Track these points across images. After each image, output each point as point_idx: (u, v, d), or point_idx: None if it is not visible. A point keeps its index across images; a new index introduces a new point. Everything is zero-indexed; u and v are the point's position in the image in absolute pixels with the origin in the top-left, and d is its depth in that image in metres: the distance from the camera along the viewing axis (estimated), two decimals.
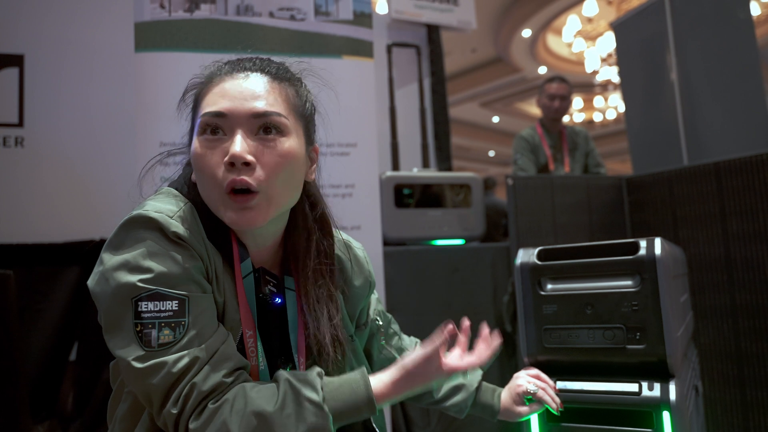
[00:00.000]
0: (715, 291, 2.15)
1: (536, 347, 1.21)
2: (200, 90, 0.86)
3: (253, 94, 0.82)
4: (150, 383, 0.73)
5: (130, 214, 0.79)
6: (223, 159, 0.79)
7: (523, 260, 1.24)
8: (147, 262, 0.75)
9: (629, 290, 1.13)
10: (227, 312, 0.82)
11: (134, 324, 0.74)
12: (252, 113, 0.81)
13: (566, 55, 9.19)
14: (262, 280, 0.88)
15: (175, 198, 0.83)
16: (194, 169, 0.83)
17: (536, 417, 1.17)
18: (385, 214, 2.21)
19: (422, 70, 2.99)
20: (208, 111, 0.81)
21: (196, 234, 0.80)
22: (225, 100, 0.81)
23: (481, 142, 12.67)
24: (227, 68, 0.86)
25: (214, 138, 0.81)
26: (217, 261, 0.83)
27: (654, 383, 1.10)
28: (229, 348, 0.79)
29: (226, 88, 0.83)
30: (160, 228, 0.77)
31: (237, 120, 0.81)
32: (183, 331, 0.74)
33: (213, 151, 0.81)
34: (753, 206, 2.06)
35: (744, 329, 2.08)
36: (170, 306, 0.74)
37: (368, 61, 2.03)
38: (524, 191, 2.33)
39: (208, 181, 0.81)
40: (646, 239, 1.16)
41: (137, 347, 0.73)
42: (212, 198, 0.81)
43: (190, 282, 0.77)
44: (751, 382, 2.06)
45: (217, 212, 0.82)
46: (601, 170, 3.36)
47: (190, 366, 0.73)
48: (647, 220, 2.40)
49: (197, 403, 0.73)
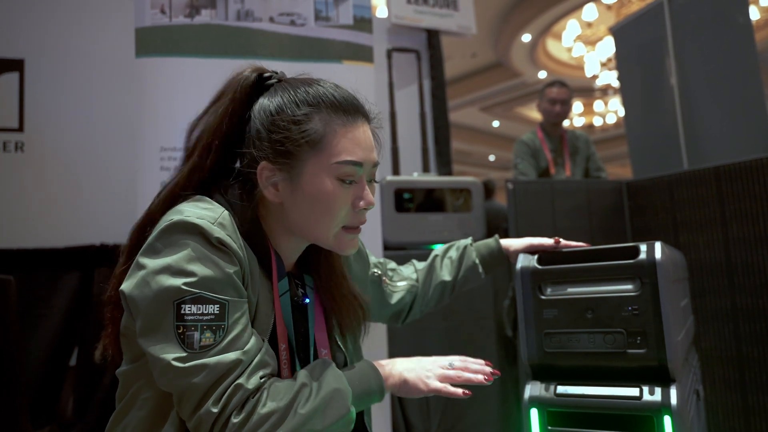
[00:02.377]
0: (716, 295, 2.15)
1: (537, 351, 1.21)
2: (323, 129, 0.88)
3: (372, 144, 0.93)
4: (191, 382, 0.75)
5: (171, 220, 0.81)
6: (353, 201, 0.90)
7: (523, 264, 1.24)
8: (191, 266, 0.78)
9: (629, 294, 1.13)
10: (258, 316, 0.87)
11: (176, 326, 0.76)
12: (374, 163, 0.93)
13: (566, 60, 9.21)
14: (293, 285, 0.96)
15: (211, 205, 0.87)
16: (313, 204, 0.88)
17: (536, 419, 1.17)
18: (386, 219, 2.21)
19: (422, 75, 3.00)
20: (351, 159, 0.88)
21: (235, 240, 0.84)
22: (360, 150, 0.90)
23: (482, 147, 12.68)
24: (345, 108, 0.90)
25: (349, 185, 0.90)
26: (253, 265, 0.88)
27: (655, 388, 1.09)
28: (267, 355, 0.83)
29: (358, 138, 0.90)
30: (202, 233, 0.80)
31: (366, 170, 0.91)
32: (223, 335, 0.78)
33: (345, 194, 0.89)
34: (753, 210, 2.06)
35: (745, 333, 2.07)
36: (212, 309, 0.78)
37: (368, 66, 2.03)
38: (524, 196, 2.33)
39: (334, 218, 0.89)
40: (647, 243, 1.16)
41: (178, 348, 0.76)
42: (326, 229, 0.90)
43: (230, 287, 0.80)
44: (752, 386, 2.05)
45: (320, 240, 0.92)
46: (602, 174, 3.36)
47: (232, 367, 0.77)
48: (647, 224, 2.40)
49: (242, 401, 0.76)
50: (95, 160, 2.41)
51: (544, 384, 1.19)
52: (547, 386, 1.18)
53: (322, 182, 0.88)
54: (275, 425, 0.76)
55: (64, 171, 2.40)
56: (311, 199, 0.88)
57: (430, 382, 0.91)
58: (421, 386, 0.91)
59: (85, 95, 2.43)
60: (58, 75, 2.42)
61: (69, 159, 2.40)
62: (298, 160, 0.88)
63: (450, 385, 0.93)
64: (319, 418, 0.79)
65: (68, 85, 2.42)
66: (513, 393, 2.22)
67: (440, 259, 1.29)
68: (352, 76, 1.99)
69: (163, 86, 1.82)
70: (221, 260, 0.80)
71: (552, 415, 1.16)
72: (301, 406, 0.78)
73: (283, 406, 0.77)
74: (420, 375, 0.92)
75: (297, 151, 0.88)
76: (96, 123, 2.43)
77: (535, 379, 1.21)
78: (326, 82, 0.93)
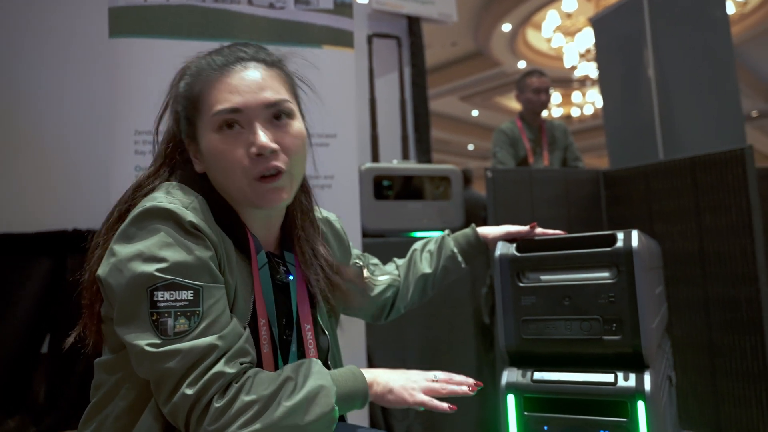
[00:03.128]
0: (689, 284, 2.19)
1: (514, 338, 1.21)
2: (199, 88, 0.88)
3: (260, 85, 0.87)
4: (165, 367, 0.75)
5: (143, 206, 0.80)
6: (248, 150, 0.85)
7: (502, 252, 1.24)
8: (163, 252, 0.77)
9: (606, 282, 1.14)
10: (237, 301, 0.85)
11: (150, 313, 0.76)
12: (264, 104, 0.86)
13: (545, 50, 9.25)
14: (274, 264, 0.94)
15: (183, 190, 0.86)
16: (213, 164, 0.87)
17: (513, 405, 1.18)
18: (365, 206, 2.20)
19: (402, 62, 2.98)
20: (222, 108, 0.85)
21: (209, 224, 0.83)
22: (235, 95, 0.85)
23: (461, 136, 12.71)
24: (220, 60, 0.89)
25: (232, 132, 0.86)
26: (230, 249, 0.86)
27: (629, 374, 1.11)
28: (247, 343, 0.82)
29: (233, 83, 0.86)
30: (175, 219, 0.79)
31: (253, 113, 0.86)
32: (197, 321, 0.77)
33: (234, 145, 0.85)
34: (726, 201, 2.10)
35: (716, 322, 2.12)
36: (185, 296, 0.77)
37: (348, 51, 2.01)
38: (503, 184, 2.33)
39: (235, 173, 0.85)
40: (624, 231, 1.17)
41: (153, 335, 0.75)
42: (238, 187, 0.86)
43: (204, 272, 0.79)
44: (722, 373, 2.10)
45: (244, 199, 0.88)
46: (580, 164, 3.39)
47: (207, 352, 0.76)
48: (624, 214, 2.43)
49: (225, 386, 0.76)
50: (67, 144, 2.35)
51: (521, 370, 1.20)
52: (524, 372, 1.19)
53: (209, 140, 0.87)
54: (258, 414, 0.75)
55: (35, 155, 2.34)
56: (211, 159, 0.87)
57: (416, 394, 0.90)
58: (407, 397, 0.89)
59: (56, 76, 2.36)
60: (29, 55, 2.35)
61: (40, 143, 2.34)
62: (194, 127, 0.89)
63: (435, 399, 0.91)
64: (302, 413, 0.77)
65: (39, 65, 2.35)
66: (490, 379, 2.25)
67: (419, 252, 1.29)
68: (332, 61, 1.96)
69: (138, 68, 1.78)
70: (195, 245, 0.79)
71: (528, 400, 1.17)
72: (285, 398, 0.77)
73: (267, 395, 0.76)
74: (406, 386, 0.90)
75: (192, 118, 0.89)
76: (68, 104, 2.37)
77: (512, 365, 1.22)
78: (224, 45, 0.93)
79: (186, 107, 0.90)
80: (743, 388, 2.05)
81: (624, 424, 1.08)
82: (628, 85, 3.25)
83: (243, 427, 0.74)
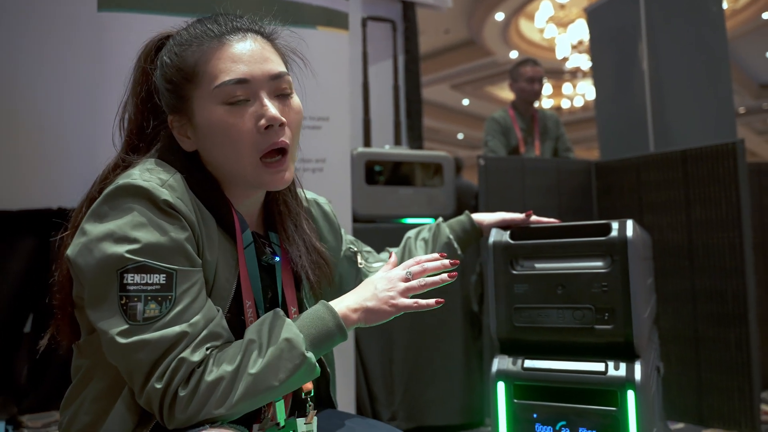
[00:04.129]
0: (676, 276, 2.20)
1: (506, 326, 1.21)
2: (196, 58, 0.82)
3: (263, 55, 0.83)
4: (134, 358, 0.71)
5: (116, 183, 0.76)
6: (256, 124, 0.81)
7: (496, 239, 1.24)
8: (135, 232, 0.73)
9: (600, 271, 1.14)
10: (218, 279, 0.82)
11: (119, 297, 0.72)
12: (270, 75, 0.82)
13: (538, 41, 9.24)
14: (260, 245, 0.90)
15: (162, 167, 0.81)
16: (215, 139, 0.82)
17: (503, 392, 1.18)
18: (356, 191, 2.18)
19: (397, 47, 2.95)
20: (229, 79, 0.80)
21: (187, 203, 0.79)
22: (240, 65, 0.81)
23: (451, 125, 12.70)
24: (217, 29, 0.84)
25: (239, 106, 0.81)
26: (211, 228, 0.82)
27: (620, 363, 1.11)
28: (219, 327, 0.78)
29: (236, 53, 0.82)
30: (149, 197, 0.75)
31: (259, 84, 0.82)
32: (169, 306, 0.73)
33: (242, 118, 0.81)
34: (716, 194, 2.11)
35: (702, 314, 2.14)
36: (157, 279, 0.73)
37: (343, 33, 1.98)
38: (495, 172, 2.33)
39: (242, 148, 0.81)
40: (618, 221, 1.17)
41: (121, 320, 0.72)
42: (243, 165, 0.82)
43: (179, 255, 0.75)
44: (706, 365, 2.13)
45: (244, 178, 0.84)
46: (570, 155, 3.39)
47: (176, 341, 0.72)
48: (614, 205, 2.43)
49: (188, 374, 0.72)
50: (53, 120, 2.29)
51: (511, 358, 1.20)
52: (514, 360, 1.19)
53: (210, 113, 0.81)
54: (226, 391, 0.72)
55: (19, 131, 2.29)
56: (210, 135, 0.82)
57: (398, 302, 0.84)
58: (388, 308, 0.84)
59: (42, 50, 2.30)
60: (13, 27, 2.28)
61: (25, 118, 2.28)
62: (187, 101, 0.83)
63: (420, 299, 0.86)
64: (273, 373, 0.74)
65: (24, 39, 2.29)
66: (477, 366, 2.25)
67: (414, 240, 1.24)
68: (327, 42, 1.93)
69: (127, 43, 1.72)
70: (170, 225, 0.75)
71: (518, 388, 1.17)
72: (251, 366, 0.74)
73: (231, 370, 0.73)
74: (382, 297, 0.85)
75: (183, 91, 0.83)
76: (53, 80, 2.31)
77: (503, 353, 1.22)
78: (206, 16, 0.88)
79: (176, 79, 0.84)
80: (727, 379, 2.08)
81: (613, 413, 1.09)
82: (621, 77, 3.25)
83: (217, 407, 0.72)
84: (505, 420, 1.17)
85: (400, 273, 0.89)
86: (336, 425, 0.92)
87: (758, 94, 10.65)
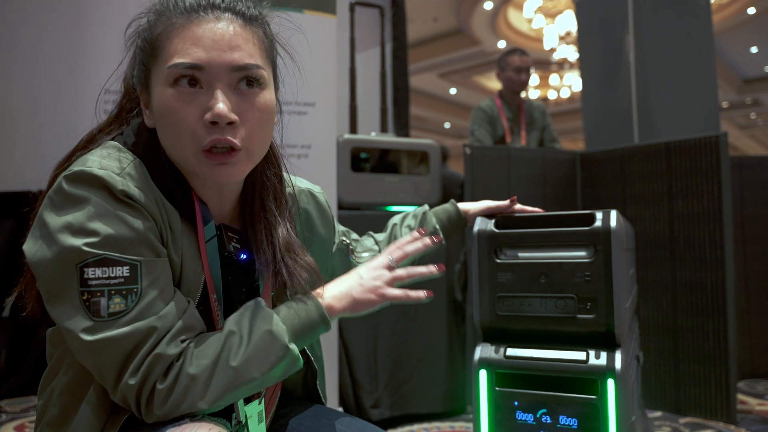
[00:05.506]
0: (657, 267, 2.23)
1: (489, 314, 1.21)
2: (160, 31, 0.76)
3: (230, 43, 0.75)
4: (102, 356, 0.68)
5: (71, 170, 0.71)
6: (202, 115, 0.73)
7: (480, 228, 1.23)
8: (93, 224, 0.69)
9: (583, 261, 1.15)
10: (185, 272, 0.78)
11: (80, 292, 0.68)
12: (231, 66, 0.74)
13: (525, 31, 9.23)
14: (226, 237, 0.84)
15: (120, 153, 0.76)
16: (161, 122, 0.76)
17: (485, 380, 1.18)
18: (341, 178, 2.17)
19: (384, 34, 2.93)
20: (181, 62, 0.73)
21: (147, 192, 0.74)
22: (199, 49, 0.73)
23: (438, 114, 12.68)
24: (189, 2, 0.76)
25: (189, 91, 0.74)
26: (173, 219, 0.77)
27: (601, 352, 1.12)
28: (192, 318, 0.75)
29: (198, 35, 0.74)
30: (106, 186, 0.70)
31: (216, 73, 0.74)
32: (135, 299, 0.69)
33: (188, 105, 0.73)
34: (699, 187, 2.13)
35: (682, 305, 2.17)
36: (121, 272, 0.69)
37: (331, 17, 1.96)
38: (481, 161, 2.33)
39: (183, 137, 0.74)
40: (602, 211, 1.17)
41: (85, 318, 0.68)
42: (184, 153, 0.75)
43: (142, 245, 0.71)
44: (684, 355, 2.16)
45: (188, 167, 0.77)
46: (556, 145, 3.40)
47: (147, 335, 0.69)
48: (598, 195, 2.45)
49: (164, 369, 0.69)
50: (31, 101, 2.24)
51: (494, 346, 1.20)
52: (497, 348, 1.20)
53: (161, 93, 0.74)
54: (207, 384, 0.70)
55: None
56: (158, 115, 0.76)
57: (386, 291, 0.82)
58: (375, 298, 0.82)
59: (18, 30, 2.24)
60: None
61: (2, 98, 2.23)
62: (149, 73, 0.77)
63: (410, 291, 0.83)
64: (255, 366, 0.72)
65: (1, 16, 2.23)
66: (460, 354, 2.26)
67: (399, 227, 1.22)
68: (313, 27, 1.91)
69: (106, 24, 1.70)
70: (129, 216, 0.71)
71: (500, 376, 1.18)
72: (232, 358, 0.71)
73: (210, 362, 0.71)
74: (369, 287, 0.82)
75: (146, 62, 0.77)
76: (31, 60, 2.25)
77: (486, 341, 1.22)
78: None
79: (143, 49, 0.78)
80: (704, 369, 2.11)
81: (593, 401, 1.10)
82: (608, 69, 3.26)
83: (198, 400, 0.70)
84: (486, 407, 1.18)
85: (383, 260, 0.88)
86: (322, 425, 0.90)
87: (741, 89, 10.77)
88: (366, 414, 2.07)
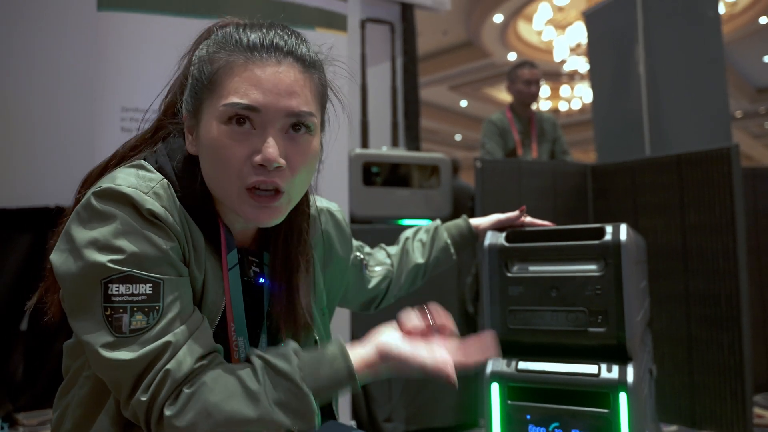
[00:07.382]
0: (670, 279, 2.22)
1: (500, 328, 1.22)
2: (220, 66, 0.76)
3: (289, 89, 0.75)
4: (120, 372, 0.69)
5: (100, 187, 0.73)
6: (250, 155, 0.74)
7: (491, 242, 1.25)
8: (119, 241, 0.70)
9: (593, 274, 1.15)
10: (207, 293, 0.79)
11: (103, 308, 0.69)
12: (287, 112, 0.75)
13: (536, 43, 9.26)
14: (246, 262, 0.85)
15: (148, 172, 0.77)
16: (209, 155, 0.77)
17: (497, 394, 1.18)
18: (353, 192, 2.19)
19: (395, 49, 2.96)
20: (239, 102, 0.74)
21: (172, 212, 0.75)
22: (258, 92, 0.74)
23: (449, 126, 12.71)
24: (254, 39, 0.76)
25: (242, 131, 0.74)
26: (197, 240, 0.78)
27: (612, 365, 1.12)
28: (203, 333, 0.75)
29: (258, 77, 0.74)
30: (133, 204, 0.72)
31: (270, 117, 0.74)
32: (157, 317, 0.70)
33: (239, 144, 0.74)
34: (711, 198, 2.13)
35: (695, 316, 2.15)
36: (144, 290, 0.70)
37: (342, 34, 1.99)
38: (492, 174, 2.34)
39: (229, 174, 0.75)
40: (612, 225, 1.18)
41: (106, 333, 0.69)
42: (227, 189, 0.76)
43: (165, 264, 0.72)
44: (699, 367, 2.14)
45: (227, 202, 0.78)
46: (568, 157, 3.40)
47: (161, 352, 0.70)
48: (609, 207, 2.45)
49: (172, 389, 0.69)
50: (51, 119, 2.30)
51: (506, 360, 1.21)
52: (509, 362, 1.20)
53: (211, 128, 0.75)
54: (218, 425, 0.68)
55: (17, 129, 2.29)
56: (205, 149, 0.77)
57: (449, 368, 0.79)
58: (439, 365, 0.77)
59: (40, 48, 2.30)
60: (12, 24, 2.28)
61: (23, 116, 2.28)
62: (200, 103, 0.78)
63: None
64: (271, 422, 0.70)
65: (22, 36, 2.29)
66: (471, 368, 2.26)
67: (411, 242, 1.23)
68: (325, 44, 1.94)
69: (126, 43, 1.74)
70: (155, 235, 0.72)
71: (512, 389, 1.18)
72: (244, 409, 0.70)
73: (225, 408, 0.69)
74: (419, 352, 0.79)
75: (200, 93, 0.78)
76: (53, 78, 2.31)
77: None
78: (261, 21, 0.82)
79: (199, 80, 0.78)
80: (719, 381, 2.09)
81: (606, 415, 1.10)
82: (619, 81, 3.26)
83: None
84: (498, 421, 1.18)
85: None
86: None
87: (755, 98, 10.70)
88: (379, 428, 2.07)
